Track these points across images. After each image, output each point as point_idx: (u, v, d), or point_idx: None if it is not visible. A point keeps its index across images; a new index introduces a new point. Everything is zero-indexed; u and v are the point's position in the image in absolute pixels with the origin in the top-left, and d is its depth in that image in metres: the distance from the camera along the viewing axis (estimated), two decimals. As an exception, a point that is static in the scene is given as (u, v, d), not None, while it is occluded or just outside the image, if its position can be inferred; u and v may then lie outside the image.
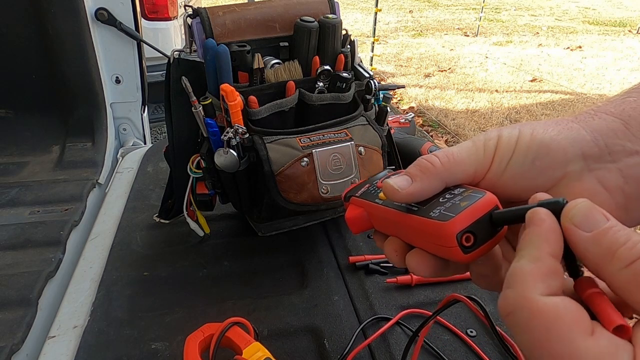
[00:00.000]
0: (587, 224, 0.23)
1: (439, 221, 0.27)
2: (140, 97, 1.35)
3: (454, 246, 0.26)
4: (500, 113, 3.67)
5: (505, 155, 0.30)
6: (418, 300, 0.67)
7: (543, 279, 0.22)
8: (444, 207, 0.28)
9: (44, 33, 1.16)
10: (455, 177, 0.30)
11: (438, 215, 0.27)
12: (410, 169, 0.30)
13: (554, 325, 0.21)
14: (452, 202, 0.28)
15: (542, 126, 0.30)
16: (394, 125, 1.08)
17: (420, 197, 0.29)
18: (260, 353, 0.51)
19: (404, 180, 0.30)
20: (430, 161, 0.30)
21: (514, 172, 0.30)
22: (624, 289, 0.21)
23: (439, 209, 0.28)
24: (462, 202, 0.27)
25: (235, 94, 0.63)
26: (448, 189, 0.30)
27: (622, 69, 4.95)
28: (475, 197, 0.28)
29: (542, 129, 0.30)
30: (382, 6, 5.32)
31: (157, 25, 2.53)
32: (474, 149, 0.30)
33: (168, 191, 0.83)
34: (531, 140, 0.29)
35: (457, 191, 0.29)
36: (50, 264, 0.77)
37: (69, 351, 0.60)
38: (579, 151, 0.29)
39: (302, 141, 0.67)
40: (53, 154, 1.19)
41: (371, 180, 0.38)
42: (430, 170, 0.30)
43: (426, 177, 0.29)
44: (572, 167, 0.29)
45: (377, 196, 0.34)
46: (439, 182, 0.30)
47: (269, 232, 0.80)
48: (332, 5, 0.74)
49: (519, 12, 8.74)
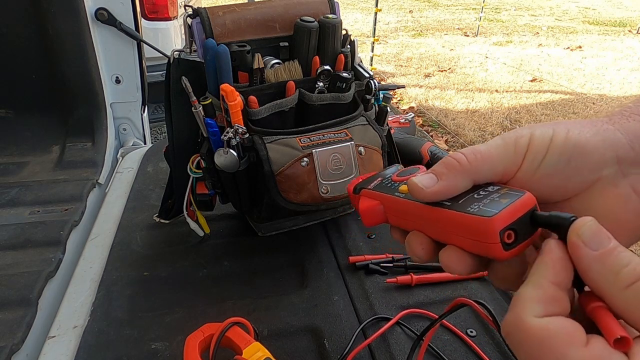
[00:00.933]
0: (595, 243, 0.23)
1: (480, 216, 0.26)
2: (140, 97, 1.35)
3: (496, 242, 0.26)
4: (500, 113, 3.67)
5: (538, 155, 0.29)
6: (418, 300, 0.67)
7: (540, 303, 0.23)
8: (482, 203, 0.27)
9: (44, 33, 1.16)
10: (484, 175, 0.29)
11: (477, 210, 0.27)
12: (436, 167, 0.30)
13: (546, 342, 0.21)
14: (489, 198, 0.27)
15: (577, 126, 0.29)
16: (394, 125, 1.08)
17: (446, 195, 0.29)
18: (260, 353, 0.51)
19: (429, 179, 0.29)
20: (457, 159, 0.29)
21: (547, 172, 0.29)
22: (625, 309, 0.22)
23: (476, 204, 0.27)
24: (502, 199, 0.27)
25: (235, 94, 0.63)
26: (479, 186, 0.29)
27: (622, 69, 4.95)
28: (515, 195, 0.27)
29: (577, 129, 0.29)
30: (382, 6, 5.31)
31: (157, 25, 2.53)
32: (504, 147, 0.29)
33: (168, 191, 0.83)
34: (566, 140, 0.28)
35: (491, 189, 0.29)
36: (50, 264, 0.77)
37: (69, 351, 0.60)
38: (614, 154, 0.28)
39: (302, 141, 0.67)
40: (53, 154, 1.19)
41: (383, 175, 0.37)
42: (457, 168, 0.29)
43: (452, 175, 0.29)
44: (606, 171, 0.28)
45: (397, 189, 0.33)
46: (466, 179, 0.29)
47: (269, 232, 0.80)
48: (332, 5, 0.74)
49: (519, 12, 8.74)
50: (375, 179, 0.37)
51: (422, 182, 0.29)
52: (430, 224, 0.30)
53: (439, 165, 0.30)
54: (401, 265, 0.72)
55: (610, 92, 4.24)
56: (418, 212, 0.30)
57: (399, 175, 0.36)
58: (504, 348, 0.58)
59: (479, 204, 0.27)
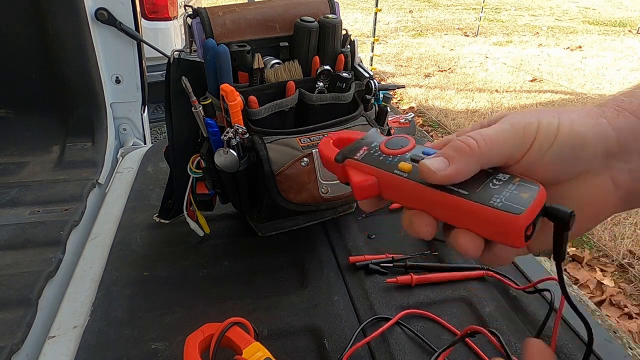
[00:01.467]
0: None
1: (507, 212, 0.27)
2: (140, 97, 1.35)
3: (520, 236, 0.27)
4: (500, 113, 3.67)
5: (545, 143, 0.30)
6: (418, 300, 0.67)
7: None
8: (503, 195, 0.28)
9: (44, 33, 1.16)
10: (492, 160, 0.30)
11: (502, 204, 0.28)
12: (447, 151, 0.30)
13: None
14: (508, 190, 0.29)
15: (579, 117, 0.30)
16: (394, 125, 1.08)
17: (457, 180, 0.29)
18: (260, 353, 0.51)
19: (441, 162, 0.29)
20: (467, 143, 0.29)
21: (551, 160, 0.30)
22: None
23: (497, 197, 0.28)
24: (521, 193, 0.28)
25: (235, 94, 0.63)
26: (487, 172, 0.30)
27: (622, 69, 4.95)
28: (533, 189, 0.29)
29: (579, 120, 0.30)
30: (382, 6, 5.31)
31: (157, 25, 2.53)
32: (513, 133, 0.30)
33: (168, 191, 0.83)
34: (571, 131, 0.29)
35: (502, 177, 0.30)
36: (50, 264, 0.77)
37: (69, 351, 0.60)
38: (604, 148, 0.30)
39: (302, 141, 0.67)
40: (53, 154, 1.19)
41: (367, 143, 0.36)
42: (467, 152, 0.29)
43: (463, 159, 0.29)
44: (595, 162, 0.30)
45: (396, 166, 0.33)
46: (475, 164, 0.29)
47: (269, 232, 0.80)
48: (332, 5, 0.74)
49: (519, 12, 8.74)
50: (360, 147, 0.36)
51: (434, 165, 0.29)
52: (441, 209, 0.31)
53: (449, 149, 0.30)
54: (401, 265, 0.72)
55: (610, 92, 4.23)
56: (427, 196, 0.30)
57: (388, 146, 0.35)
58: (504, 348, 0.58)
59: (500, 197, 0.28)
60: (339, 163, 0.36)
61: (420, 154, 0.33)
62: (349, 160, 0.35)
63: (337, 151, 0.37)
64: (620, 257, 1.99)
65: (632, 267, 1.94)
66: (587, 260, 2.00)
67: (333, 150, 0.38)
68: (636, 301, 1.78)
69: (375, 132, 0.38)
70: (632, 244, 2.07)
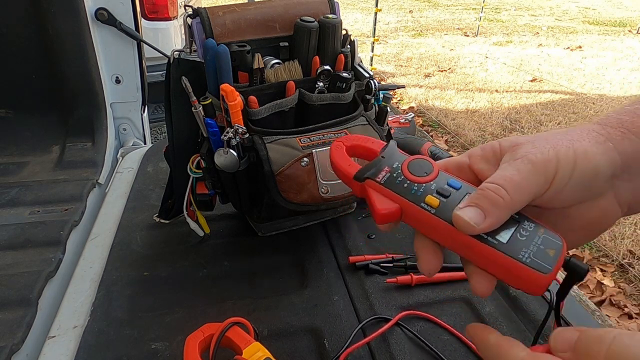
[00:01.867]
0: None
1: (536, 271, 0.28)
2: (140, 97, 1.35)
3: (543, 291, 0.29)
4: (500, 113, 3.67)
5: (564, 178, 0.30)
6: (418, 300, 0.67)
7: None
8: (531, 251, 0.29)
9: (44, 33, 1.16)
10: (521, 205, 0.31)
11: (530, 261, 0.29)
12: (481, 202, 0.30)
13: None
14: (535, 245, 0.29)
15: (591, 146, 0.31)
16: (394, 125, 1.08)
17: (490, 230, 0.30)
18: (260, 353, 0.51)
19: (478, 215, 0.30)
20: (500, 195, 0.30)
21: (569, 192, 0.31)
22: None
23: (526, 251, 0.29)
24: (548, 250, 0.29)
25: (235, 94, 0.63)
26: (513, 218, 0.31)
27: (622, 69, 4.95)
28: (557, 245, 0.30)
29: (591, 150, 0.31)
30: (382, 6, 5.31)
31: (157, 25, 2.53)
32: (535, 174, 0.30)
33: (168, 191, 0.83)
34: (587, 164, 0.30)
35: (527, 226, 0.31)
36: (50, 264, 0.77)
37: (69, 351, 0.60)
38: (612, 172, 0.31)
39: (302, 141, 0.67)
40: (53, 154, 1.19)
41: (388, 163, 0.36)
42: (501, 204, 0.30)
43: (498, 212, 0.30)
44: (605, 185, 0.32)
45: (422, 199, 0.32)
46: (508, 214, 0.30)
47: (269, 232, 0.80)
48: (332, 5, 0.74)
49: (519, 12, 8.74)
50: (381, 168, 0.35)
51: (472, 218, 0.30)
52: (467, 251, 0.31)
53: (483, 200, 0.30)
54: (401, 265, 0.72)
55: (610, 92, 4.24)
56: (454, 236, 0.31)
57: (411, 171, 0.34)
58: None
59: (528, 251, 0.29)
60: (359, 182, 0.36)
61: (446, 186, 0.33)
62: (370, 181, 0.35)
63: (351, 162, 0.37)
64: (620, 257, 1.99)
65: (632, 267, 1.94)
66: (587, 260, 2.00)
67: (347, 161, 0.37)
68: (636, 301, 1.78)
69: (394, 147, 0.37)
70: (632, 244, 2.07)
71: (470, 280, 0.32)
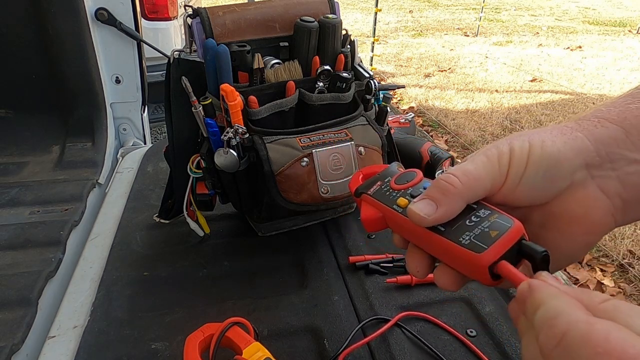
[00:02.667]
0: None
1: (471, 251, 0.28)
2: (140, 97, 1.35)
3: (486, 275, 0.28)
4: (500, 113, 3.67)
5: (519, 170, 0.30)
6: (418, 300, 0.67)
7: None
8: (473, 233, 0.29)
9: (44, 33, 1.16)
10: (476, 194, 0.31)
11: (469, 243, 0.28)
12: (432, 192, 0.31)
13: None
14: (480, 228, 0.29)
15: (550, 137, 0.31)
16: (394, 125, 1.08)
17: (446, 220, 0.30)
18: (260, 353, 0.51)
19: (428, 206, 0.30)
20: (450, 182, 0.30)
21: (527, 185, 0.31)
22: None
23: (467, 234, 0.29)
24: (491, 231, 0.28)
25: (235, 94, 0.63)
26: (471, 208, 0.31)
27: (622, 69, 4.95)
28: (504, 226, 0.29)
29: (550, 140, 0.31)
30: (382, 6, 5.31)
31: (157, 25, 2.53)
32: (490, 165, 0.31)
33: (168, 191, 0.83)
34: (542, 153, 0.30)
35: (481, 213, 0.30)
36: (50, 264, 0.77)
37: (69, 351, 0.60)
38: (583, 161, 0.30)
39: (302, 141, 0.67)
40: (53, 154, 1.19)
41: (382, 177, 0.38)
42: (452, 192, 0.30)
43: (449, 200, 0.30)
44: (577, 176, 0.31)
45: (395, 202, 0.34)
46: (461, 202, 0.30)
47: (269, 232, 0.80)
48: (332, 5, 0.74)
49: (519, 12, 8.74)
50: (376, 181, 0.38)
51: (423, 210, 0.30)
52: (426, 244, 0.32)
53: (434, 190, 0.31)
54: (401, 265, 0.72)
55: (610, 92, 4.24)
56: (415, 232, 0.32)
57: (396, 182, 0.36)
58: (504, 348, 0.58)
59: (470, 234, 0.29)
60: (357, 197, 0.38)
61: (420, 190, 0.34)
62: (364, 195, 0.37)
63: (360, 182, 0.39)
64: (620, 257, 1.99)
65: (632, 267, 1.94)
66: (587, 260, 2.00)
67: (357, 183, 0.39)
68: (636, 301, 1.78)
69: (394, 167, 0.39)
70: (632, 244, 2.07)
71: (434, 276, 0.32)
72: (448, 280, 0.31)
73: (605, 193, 0.31)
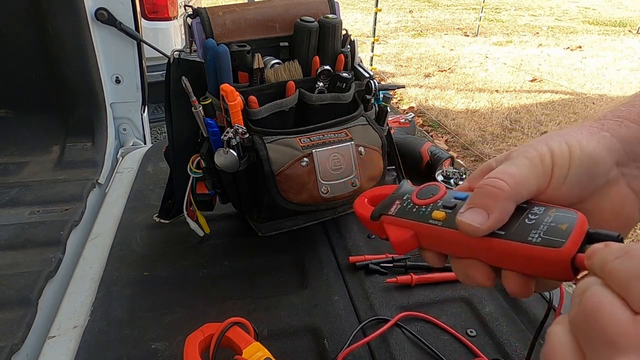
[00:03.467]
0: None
1: (548, 247, 0.27)
2: (140, 97, 1.35)
3: (567, 269, 0.26)
4: (500, 113, 3.67)
5: (563, 170, 0.31)
6: (418, 300, 0.67)
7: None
8: (541, 230, 0.28)
9: (44, 33, 1.16)
10: (522, 196, 0.30)
11: (541, 240, 0.27)
12: (480, 200, 0.30)
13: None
14: (545, 224, 0.28)
15: (584, 137, 0.31)
16: (394, 125, 1.08)
17: (500, 225, 0.29)
18: (260, 353, 0.51)
19: (479, 215, 0.29)
20: (498, 187, 0.29)
21: (571, 184, 0.31)
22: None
23: (535, 232, 0.28)
24: (559, 224, 0.27)
25: (235, 94, 0.63)
26: (521, 208, 0.30)
27: (622, 69, 4.95)
28: (571, 218, 0.28)
29: (585, 140, 0.31)
30: (382, 6, 5.31)
31: (157, 25, 2.53)
32: (533, 167, 0.31)
33: (168, 191, 0.83)
34: (582, 153, 0.31)
35: (537, 210, 0.29)
36: (50, 264, 0.77)
37: (69, 351, 0.60)
38: (614, 160, 0.32)
39: (302, 141, 0.67)
40: (53, 154, 1.19)
41: (398, 196, 0.36)
42: (502, 196, 0.29)
43: (500, 204, 0.29)
44: (611, 174, 0.32)
45: (429, 216, 0.32)
46: (512, 205, 0.30)
47: (269, 232, 0.80)
48: (332, 5, 0.74)
49: (519, 12, 8.74)
50: (392, 202, 0.36)
51: (475, 220, 0.29)
52: (484, 253, 0.30)
53: (482, 197, 0.30)
54: (401, 265, 0.72)
55: (610, 92, 4.24)
56: (468, 243, 0.30)
57: (419, 197, 0.35)
58: (504, 348, 0.58)
59: (538, 231, 0.28)
60: (375, 221, 0.36)
61: (452, 199, 0.33)
62: (384, 216, 0.36)
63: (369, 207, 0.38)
64: (620, 257, 1.99)
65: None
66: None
67: (368, 209, 0.38)
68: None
69: (406, 184, 0.38)
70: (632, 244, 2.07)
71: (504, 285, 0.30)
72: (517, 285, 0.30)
73: (633, 189, 0.32)
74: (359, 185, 0.68)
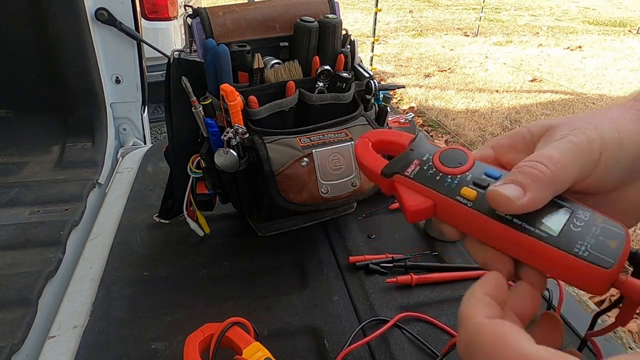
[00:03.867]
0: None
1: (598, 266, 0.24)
2: (140, 97, 1.35)
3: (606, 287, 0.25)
4: (500, 113, 3.67)
5: (612, 160, 0.28)
6: (418, 300, 0.67)
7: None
8: (588, 242, 0.25)
9: (44, 33, 1.16)
10: (563, 185, 0.28)
11: (588, 255, 0.25)
12: (519, 177, 0.27)
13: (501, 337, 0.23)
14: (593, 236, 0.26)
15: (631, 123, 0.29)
16: (394, 125, 1.08)
17: (532, 210, 0.27)
18: (260, 353, 0.51)
19: (516, 191, 0.26)
20: (539, 169, 0.27)
21: (617, 175, 0.29)
22: None
23: (582, 244, 0.25)
24: (609, 241, 0.25)
25: (235, 94, 0.63)
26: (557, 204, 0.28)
27: (622, 69, 4.95)
28: (619, 235, 0.26)
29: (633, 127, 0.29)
30: (382, 6, 5.31)
31: (157, 25, 2.53)
32: (579, 153, 0.28)
33: (168, 191, 0.83)
34: (634, 144, 0.28)
35: (581, 214, 0.27)
36: (50, 264, 0.77)
37: (69, 351, 0.60)
38: None
39: (302, 141, 0.67)
40: (53, 154, 1.19)
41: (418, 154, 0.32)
42: (542, 179, 0.27)
43: (539, 187, 0.27)
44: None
45: (458, 192, 0.29)
46: (551, 192, 0.27)
47: (269, 232, 0.80)
48: (332, 5, 0.74)
49: (519, 12, 8.74)
50: (409, 161, 0.32)
51: (512, 193, 0.26)
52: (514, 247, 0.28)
53: (522, 175, 0.27)
54: (401, 265, 0.72)
55: (610, 92, 4.24)
56: (498, 232, 0.27)
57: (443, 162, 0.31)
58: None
59: (585, 243, 0.25)
60: (387, 178, 0.32)
61: (484, 176, 0.29)
62: (398, 176, 0.31)
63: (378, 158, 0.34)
64: (620, 257, 1.99)
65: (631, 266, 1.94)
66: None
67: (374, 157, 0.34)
68: (636, 301, 1.78)
69: (424, 140, 0.34)
70: (632, 244, 2.07)
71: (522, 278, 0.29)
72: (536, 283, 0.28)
73: None
74: (359, 185, 0.68)
